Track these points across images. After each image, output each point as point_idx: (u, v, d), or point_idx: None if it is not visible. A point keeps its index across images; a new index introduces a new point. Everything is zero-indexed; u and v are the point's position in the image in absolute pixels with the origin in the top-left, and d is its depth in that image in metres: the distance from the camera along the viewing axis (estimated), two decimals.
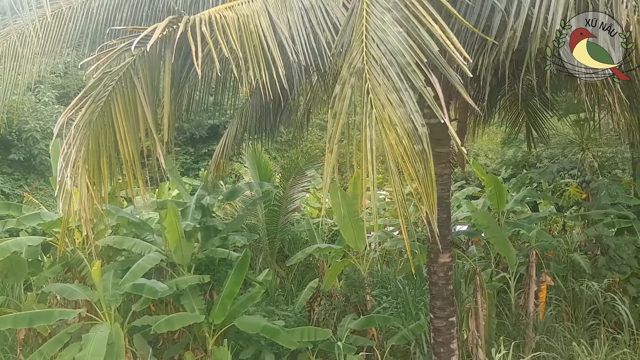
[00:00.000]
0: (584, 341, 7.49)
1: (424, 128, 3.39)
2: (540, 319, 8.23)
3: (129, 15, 6.04)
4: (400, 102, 3.42)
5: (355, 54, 3.61)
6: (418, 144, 3.39)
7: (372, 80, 3.45)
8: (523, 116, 9.05)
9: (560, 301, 8.86)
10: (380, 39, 3.62)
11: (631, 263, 9.17)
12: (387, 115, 3.38)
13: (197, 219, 8.00)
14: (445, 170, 6.65)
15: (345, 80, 3.54)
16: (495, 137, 18.43)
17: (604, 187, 10.14)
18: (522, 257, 9.14)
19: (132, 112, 4.33)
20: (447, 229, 6.79)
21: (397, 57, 3.52)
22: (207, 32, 3.85)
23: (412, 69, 3.46)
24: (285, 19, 4.38)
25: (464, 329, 7.66)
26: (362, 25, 3.69)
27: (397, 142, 3.36)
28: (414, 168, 3.38)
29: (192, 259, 8.00)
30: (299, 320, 8.18)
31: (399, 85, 3.44)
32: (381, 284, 9.19)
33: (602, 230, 9.56)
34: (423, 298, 8.21)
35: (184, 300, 7.45)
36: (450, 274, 6.81)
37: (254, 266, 9.62)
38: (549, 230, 12.18)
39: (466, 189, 14.63)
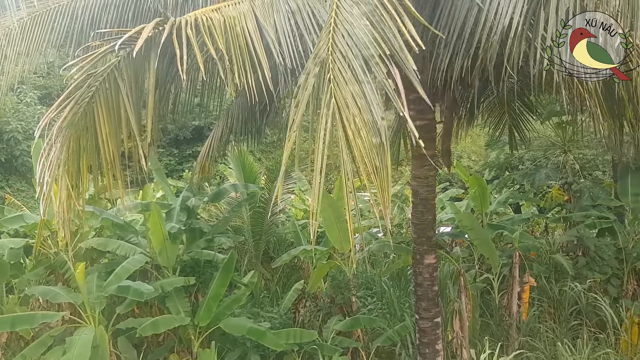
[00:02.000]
0: (567, 341, 7.60)
1: (384, 121, 3.40)
2: (524, 319, 8.33)
3: (115, 17, 6.00)
4: (361, 94, 3.43)
5: (322, 44, 3.63)
6: (377, 137, 3.39)
7: (335, 71, 3.46)
8: (506, 119, 9.13)
9: (543, 302, 8.97)
10: (347, 32, 3.64)
11: (612, 264, 9.32)
12: (347, 105, 3.38)
13: (182, 221, 7.97)
14: (430, 172, 6.70)
15: (310, 70, 3.55)
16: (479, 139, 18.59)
17: (586, 189, 10.30)
18: (505, 258, 9.24)
19: (115, 113, 4.30)
20: (432, 230, 6.85)
21: (362, 50, 3.54)
22: (192, 35, 3.84)
23: (375, 62, 3.48)
24: (272, 21, 4.38)
25: (449, 330, 7.72)
26: (332, 18, 3.72)
27: (356, 134, 3.35)
28: (370, 161, 3.38)
29: (177, 261, 7.97)
30: (284, 322, 8.18)
31: (361, 77, 3.46)
32: (366, 286, 9.24)
33: (583, 231, 9.71)
34: (408, 299, 8.26)
35: (169, 303, 7.41)
36: (436, 275, 6.87)
37: (239, 268, 9.60)
38: (531, 232, 12.32)
39: (450, 190, 14.75)
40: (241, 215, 10.27)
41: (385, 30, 3.58)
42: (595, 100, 5.16)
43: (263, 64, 4.15)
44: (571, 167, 11.19)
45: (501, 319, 8.58)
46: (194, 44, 3.88)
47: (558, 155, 11.36)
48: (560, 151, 11.33)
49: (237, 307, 7.70)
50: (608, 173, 12.01)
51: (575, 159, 11.42)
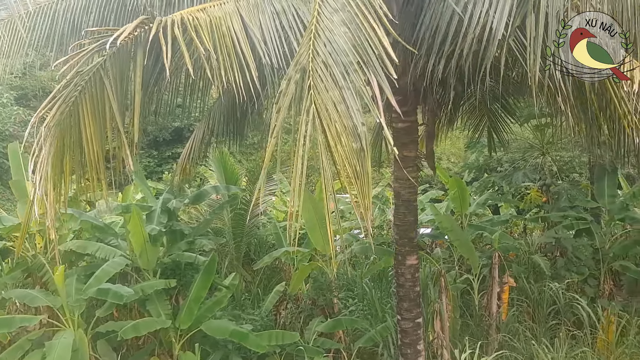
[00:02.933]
0: (545, 340, 7.71)
1: (364, 127, 3.43)
2: (503, 319, 8.42)
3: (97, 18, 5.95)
4: (341, 99, 3.45)
5: (303, 51, 3.65)
6: (357, 142, 3.42)
7: (316, 78, 3.48)
8: (485, 121, 9.26)
9: (522, 302, 9.09)
10: (327, 39, 3.67)
11: (589, 264, 9.51)
12: (327, 111, 3.41)
13: (163, 223, 7.91)
14: (412, 174, 6.74)
15: (291, 77, 3.58)
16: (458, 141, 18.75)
17: (563, 191, 10.48)
18: (485, 259, 9.34)
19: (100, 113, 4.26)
20: (414, 231, 6.89)
21: (341, 56, 3.58)
22: (179, 34, 3.84)
23: (354, 68, 3.51)
24: (258, 22, 4.40)
25: (430, 330, 7.78)
26: (313, 25, 3.74)
27: (336, 140, 3.38)
28: (351, 166, 3.41)
29: (158, 264, 7.90)
30: (266, 324, 8.15)
31: (341, 83, 3.49)
32: (348, 287, 9.26)
33: (561, 232, 9.87)
34: (389, 300, 8.30)
35: (150, 305, 7.34)
36: (417, 276, 6.91)
37: (220, 270, 9.55)
38: (510, 233, 12.49)
39: (430, 192, 14.88)
40: (222, 217, 10.21)
41: (362, 38, 3.62)
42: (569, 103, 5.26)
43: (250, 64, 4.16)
44: (549, 169, 11.38)
45: (481, 319, 8.66)
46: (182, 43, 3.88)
47: (536, 157, 11.54)
48: (539, 153, 11.51)
49: (219, 310, 7.66)
50: (585, 175, 12.24)
51: (553, 161, 11.61)
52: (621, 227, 10.54)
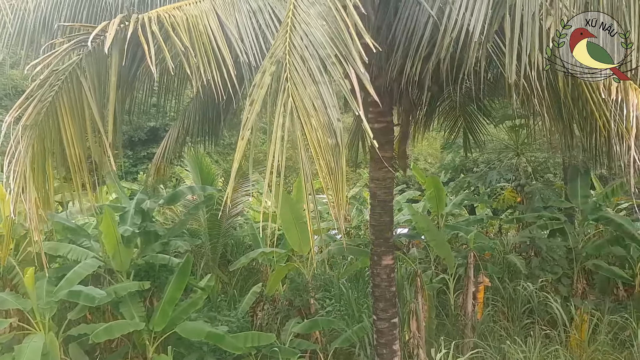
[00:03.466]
0: (519, 339, 7.79)
1: (339, 122, 3.41)
2: (478, 318, 8.49)
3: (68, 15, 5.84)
4: (318, 94, 3.43)
5: (279, 44, 3.62)
6: (332, 137, 3.40)
7: (292, 70, 3.45)
8: (461, 122, 9.33)
9: (497, 301, 9.18)
10: (304, 32, 3.63)
11: (562, 264, 9.63)
12: (303, 105, 3.38)
13: (137, 224, 7.80)
14: (388, 174, 6.75)
15: (266, 68, 3.54)
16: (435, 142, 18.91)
17: (537, 191, 10.60)
18: (461, 259, 9.41)
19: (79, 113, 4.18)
20: (390, 231, 6.90)
21: (318, 50, 3.54)
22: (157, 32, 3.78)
23: (331, 62, 3.49)
24: (234, 20, 4.35)
25: (406, 330, 7.80)
26: (289, 17, 3.71)
27: (312, 134, 3.34)
28: (326, 161, 3.38)
29: (132, 265, 7.79)
30: (242, 325, 8.10)
31: (318, 78, 3.45)
32: (325, 288, 9.24)
33: (535, 232, 9.99)
34: (366, 300, 8.30)
35: (123, 308, 7.23)
36: (393, 276, 6.92)
37: (196, 272, 9.46)
38: (485, 233, 12.60)
39: (407, 192, 14.96)
40: (198, 218, 10.11)
41: (340, 32, 3.59)
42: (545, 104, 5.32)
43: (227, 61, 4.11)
44: (524, 169, 11.51)
45: (457, 318, 8.73)
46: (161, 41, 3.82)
47: (511, 158, 11.67)
48: (513, 154, 11.64)
49: (194, 311, 7.58)
50: (559, 175, 12.41)
51: (527, 162, 11.75)
52: (594, 227, 10.72)
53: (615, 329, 8.33)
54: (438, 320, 8.71)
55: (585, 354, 7.80)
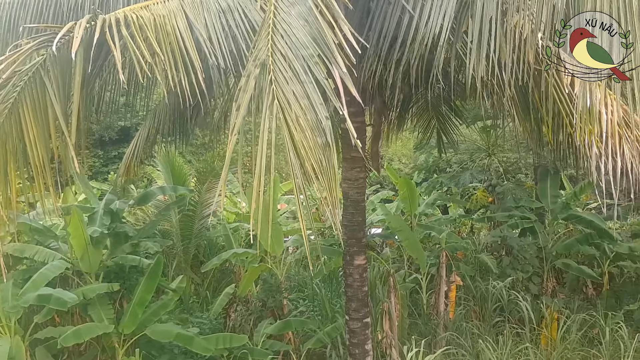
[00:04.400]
0: (490, 338, 7.87)
1: (328, 121, 3.39)
2: (451, 317, 8.56)
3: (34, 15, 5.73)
4: (304, 94, 3.41)
5: (261, 46, 3.58)
6: (321, 136, 3.38)
7: (277, 72, 3.42)
8: (434, 123, 9.38)
9: (469, 300, 9.26)
10: (286, 32, 3.60)
11: (533, 262, 9.76)
12: (290, 106, 3.35)
13: (106, 225, 7.67)
14: (360, 175, 6.76)
15: (250, 72, 3.50)
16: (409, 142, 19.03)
17: (509, 191, 10.74)
18: (433, 258, 9.47)
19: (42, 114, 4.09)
20: (362, 231, 6.91)
21: (301, 50, 3.52)
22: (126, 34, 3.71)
23: (314, 61, 3.47)
24: (203, 20, 4.28)
25: (379, 330, 7.83)
26: (270, 19, 3.68)
27: (300, 134, 3.31)
28: (317, 161, 3.35)
29: (101, 267, 7.66)
30: (214, 327, 8.03)
31: (303, 78, 3.42)
32: (298, 288, 9.22)
33: (506, 231, 10.11)
34: (340, 300, 8.31)
35: (92, 310, 7.11)
36: (365, 276, 6.94)
37: (167, 273, 9.34)
38: (458, 232, 12.70)
39: (381, 192, 15.00)
40: (169, 218, 9.98)
41: (321, 31, 3.57)
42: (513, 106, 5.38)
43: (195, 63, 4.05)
44: (495, 170, 11.65)
45: (429, 318, 8.79)
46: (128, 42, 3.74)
47: (483, 159, 11.79)
48: (485, 154, 11.77)
49: (165, 313, 7.48)
50: (530, 176, 12.58)
51: (499, 162, 11.89)
52: (564, 226, 10.90)
53: (585, 327, 8.47)
54: (411, 319, 8.76)
55: (555, 352, 7.91)
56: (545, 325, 8.38)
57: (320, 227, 13.02)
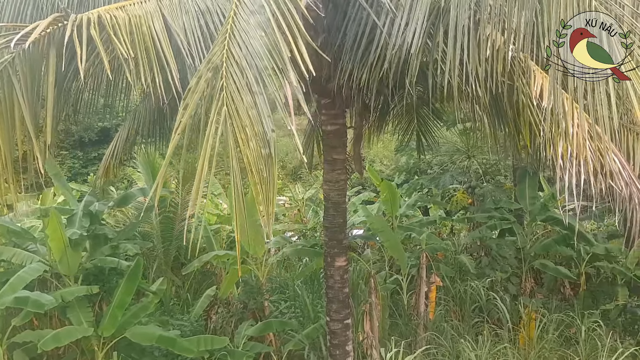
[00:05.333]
0: (470, 338, 7.95)
1: (273, 133, 3.43)
2: (431, 318, 8.62)
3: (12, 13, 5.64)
4: (253, 104, 3.43)
5: (216, 50, 3.59)
6: (266, 148, 3.41)
7: (229, 79, 3.43)
8: (414, 125, 9.44)
9: (449, 301, 9.35)
10: (243, 41, 3.60)
11: (511, 263, 9.88)
12: (238, 115, 3.37)
13: (85, 227, 7.61)
14: (341, 177, 6.80)
15: (202, 74, 3.51)
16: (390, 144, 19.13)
17: (488, 193, 10.86)
18: (414, 259, 9.53)
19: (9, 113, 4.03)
20: (343, 233, 6.94)
21: (256, 60, 3.52)
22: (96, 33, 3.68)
23: (268, 74, 3.49)
24: (181, 22, 4.28)
25: (360, 331, 7.86)
26: (228, 24, 3.67)
27: (245, 143, 3.33)
28: (258, 171, 3.40)
29: (80, 269, 7.61)
30: (195, 329, 8.00)
31: (255, 88, 3.44)
32: (280, 290, 9.22)
33: (485, 232, 10.22)
34: (321, 302, 8.33)
35: (71, 313, 7.05)
36: (346, 277, 6.97)
37: (148, 275, 9.29)
38: (438, 234, 12.81)
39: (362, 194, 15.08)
40: (150, 220, 9.92)
41: (278, 44, 3.57)
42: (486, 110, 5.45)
43: (171, 65, 4.04)
44: (475, 171, 11.76)
45: (410, 318, 8.84)
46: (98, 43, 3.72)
47: (463, 160, 11.90)
48: (465, 156, 11.88)
49: (145, 316, 7.45)
50: (510, 177, 12.72)
51: (479, 164, 12.01)
52: (542, 227, 11.04)
53: (562, 327, 8.59)
54: (392, 320, 8.81)
55: (533, 352, 8.01)
56: (524, 325, 8.48)
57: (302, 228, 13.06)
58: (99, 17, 3.80)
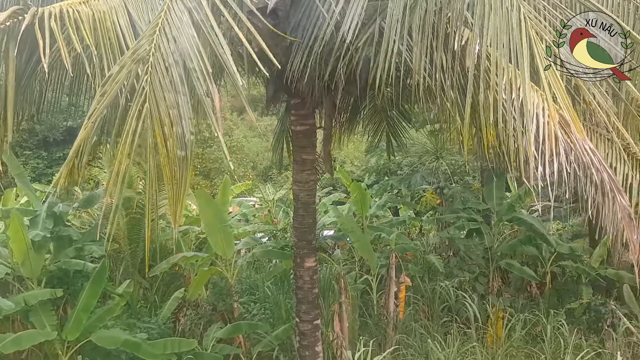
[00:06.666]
0: (439, 337, 8.02)
1: (192, 136, 3.39)
2: (400, 317, 8.67)
3: None
4: (175, 104, 3.37)
5: (144, 42, 3.51)
6: (182, 150, 3.37)
7: (154, 74, 3.37)
8: (384, 126, 9.49)
9: (418, 300, 9.41)
10: (173, 38, 3.53)
11: (479, 263, 9.99)
12: (159, 113, 3.31)
13: (49, 228, 7.42)
14: (311, 177, 6.78)
15: (125, 64, 3.43)
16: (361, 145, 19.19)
17: (456, 193, 10.97)
18: (384, 260, 9.57)
19: None
20: (313, 233, 6.93)
21: (185, 60, 3.46)
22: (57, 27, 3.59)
23: (196, 76, 3.43)
24: (147, 18, 4.21)
25: (330, 331, 7.86)
26: (160, 18, 3.58)
27: (162, 143, 3.30)
28: (172, 171, 3.36)
29: (43, 272, 7.41)
30: (163, 331, 7.88)
31: (179, 88, 3.39)
32: (249, 291, 9.15)
33: (453, 232, 10.32)
34: (291, 302, 8.29)
35: (34, 317, 6.87)
36: (316, 278, 6.96)
37: (114, 278, 9.11)
38: (408, 234, 12.90)
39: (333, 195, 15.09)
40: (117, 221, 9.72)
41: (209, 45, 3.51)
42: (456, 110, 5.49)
43: None
44: (444, 172, 11.88)
45: (379, 318, 8.87)
46: (59, 37, 3.62)
47: (432, 161, 12.01)
48: (434, 157, 11.99)
49: (111, 319, 7.29)
50: (478, 178, 12.87)
51: (447, 165, 12.14)
52: (509, 227, 11.20)
53: (528, 325, 8.73)
54: (361, 320, 8.83)
55: (500, 350, 8.11)
56: (491, 324, 8.59)
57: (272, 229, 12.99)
58: (61, 12, 3.71)
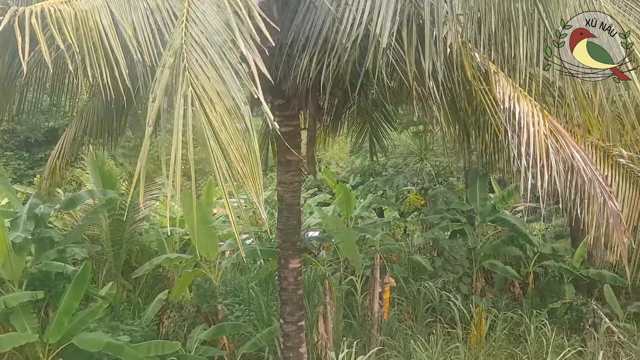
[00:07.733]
0: (422, 338, 8.05)
1: (247, 106, 3.33)
2: (385, 318, 8.69)
3: None
4: (219, 79, 3.31)
5: (176, 35, 3.50)
6: (240, 122, 3.30)
7: (191, 59, 3.33)
8: (367, 128, 9.52)
9: (403, 301, 9.44)
10: (200, 19, 3.51)
11: (463, 263, 10.06)
12: (206, 93, 3.26)
13: (30, 230, 7.32)
14: (295, 178, 6.78)
15: (165, 62, 3.40)
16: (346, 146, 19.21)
17: (440, 194, 11.04)
18: (368, 260, 9.59)
19: None
20: (297, 235, 6.92)
21: (215, 36, 3.44)
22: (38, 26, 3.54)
23: (228, 47, 3.39)
24: (130, 18, 4.17)
25: (314, 332, 7.85)
26: (185, 9, 3.60)
27: (219, 121, 3.18)
28: (237, 147, 3.29)
29: (24, 274, 7.31)
30: (146, 334, 7.82)
31: (218, 63, 3.34)
32: (234, 292, 9.11)
33: (438, 233, 10.38)
34: (276, 303, 8.27)
35: (14, 319, 6.76)
36: (300, 279, 6.95)
37: (97, 280, 9.03)
38: (392, 235, 12.94)
39: (318, 196, 15.10)
40: (99, 223, 9.64)
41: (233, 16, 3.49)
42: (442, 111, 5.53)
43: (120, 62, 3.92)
44: (428, 173, 11.95)
45: (364, 319, 8.88)
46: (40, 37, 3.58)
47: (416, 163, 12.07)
48: (418, 159, 12.05)
49: (93, 321, 7.22)
50: (462, 179, 12.96)
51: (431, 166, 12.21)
52: (492, 228, 11.29)
53: (511, 325, 8.80)
54: (346, 321, 8.84)
55: (483, 350, 8.17)
56: (475, 324, 8.64)
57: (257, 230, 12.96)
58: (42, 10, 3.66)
